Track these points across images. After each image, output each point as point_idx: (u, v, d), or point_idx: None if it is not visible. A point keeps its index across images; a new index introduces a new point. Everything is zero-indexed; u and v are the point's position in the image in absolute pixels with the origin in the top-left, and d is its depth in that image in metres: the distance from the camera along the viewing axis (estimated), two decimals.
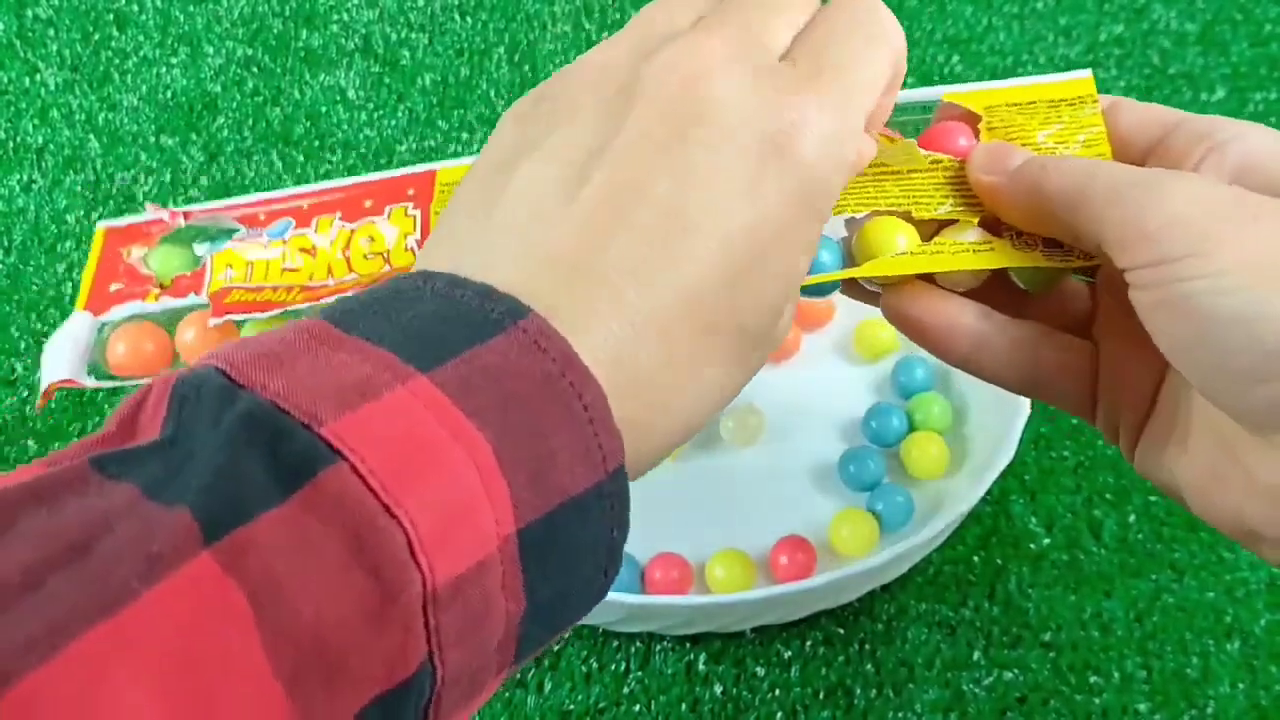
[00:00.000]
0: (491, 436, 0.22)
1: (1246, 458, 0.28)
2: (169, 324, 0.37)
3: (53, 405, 0.51)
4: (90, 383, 0.36)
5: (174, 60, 0.67)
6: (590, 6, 0.70)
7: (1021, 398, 0.45)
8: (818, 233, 0.28)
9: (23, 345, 0.54)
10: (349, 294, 0.29)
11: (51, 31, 0.69)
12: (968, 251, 0.32)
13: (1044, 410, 0.51)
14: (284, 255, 0.36)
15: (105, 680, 0.18)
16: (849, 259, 0.33)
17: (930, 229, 0.33)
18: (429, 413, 0.22)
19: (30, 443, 0.50)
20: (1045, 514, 0.48)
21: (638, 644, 0.44)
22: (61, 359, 0.36)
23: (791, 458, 0.49)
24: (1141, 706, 0.43)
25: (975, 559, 0.46)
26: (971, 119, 0.34)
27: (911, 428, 0.49)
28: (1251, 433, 0.28)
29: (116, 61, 0.67)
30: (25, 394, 0.52)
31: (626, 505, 0.25)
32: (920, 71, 0.66)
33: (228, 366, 0.22)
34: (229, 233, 0.38)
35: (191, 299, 0.36)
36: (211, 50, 0.67)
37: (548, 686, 0.43)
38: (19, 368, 0.53)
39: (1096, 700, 0.43)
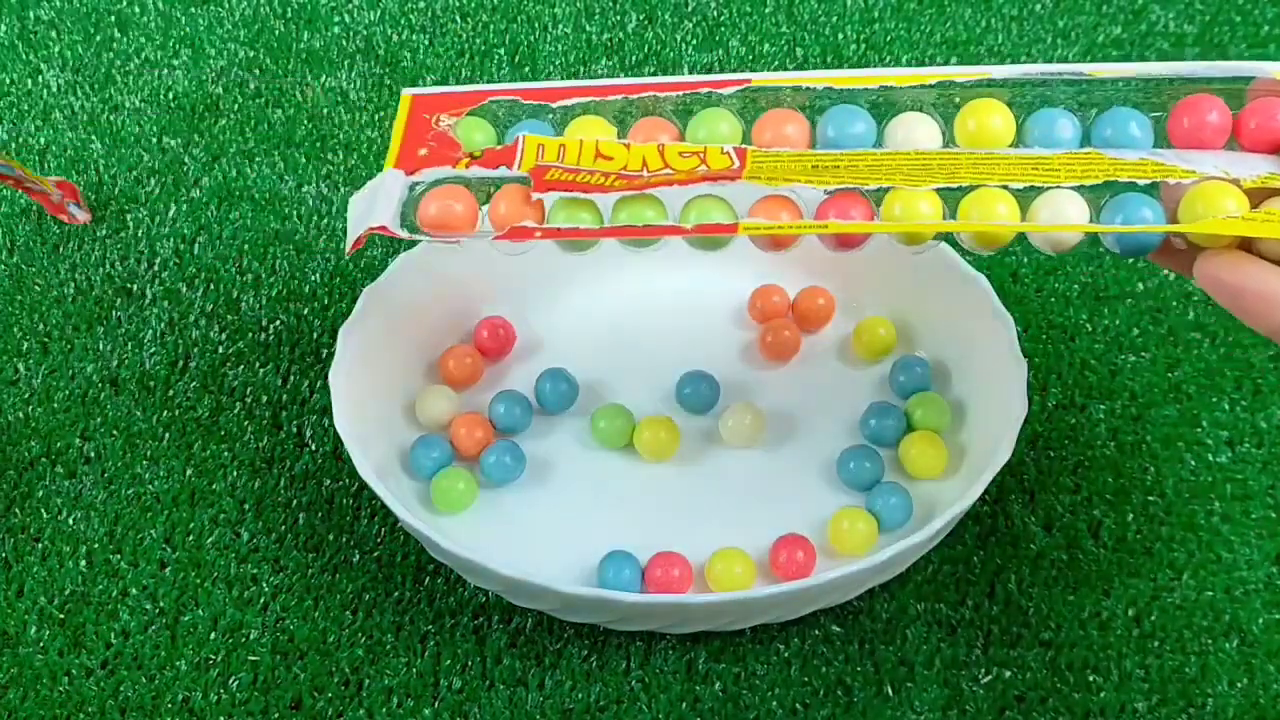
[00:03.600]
0: None
1: None
2: (478, 190, 0.39)
3: (57, 403, 0.52)
4: (403, 234, 0.38)
5: (176, 62, 0.67)
6: (591, 8, 0.70)
7: (1016, 397, 0.45)
8: None
9: (25, 346, 0.54)
10: None
11: (54, 34, 0.69)
12: None
13: (1042, 410, 0.51)
14: (597, 143, 0.38)
15: None
16: (1172, 221, 0.34)
17: (1255, 200, 0.34)
18: None
19: (33, 443, 0.50)
20: (1044, 513, 0.48)
21: (638, 642, 0.44)
22: (376, 208, 0.38)
23: (791, 457, 0.49)
24: (1140, 705, 0.43)
25: (974, 558, 0.47)
26: None
27: (910, 427, 0.49)
28: None
29: (119, 63, 0.67)
30: (28, 394, 0.52)
31: None
32: None
33: None
34: (536, 114, 0.40)
35: (503, 171, 0.38)
36: (213, 52, 0.68)
37: (549, 684, 0.44)
38: (21, 368, 0.53)
39: (1095, 699, 0.43)
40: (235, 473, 0.50)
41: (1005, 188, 0.36)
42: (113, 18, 0.70)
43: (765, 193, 0.38)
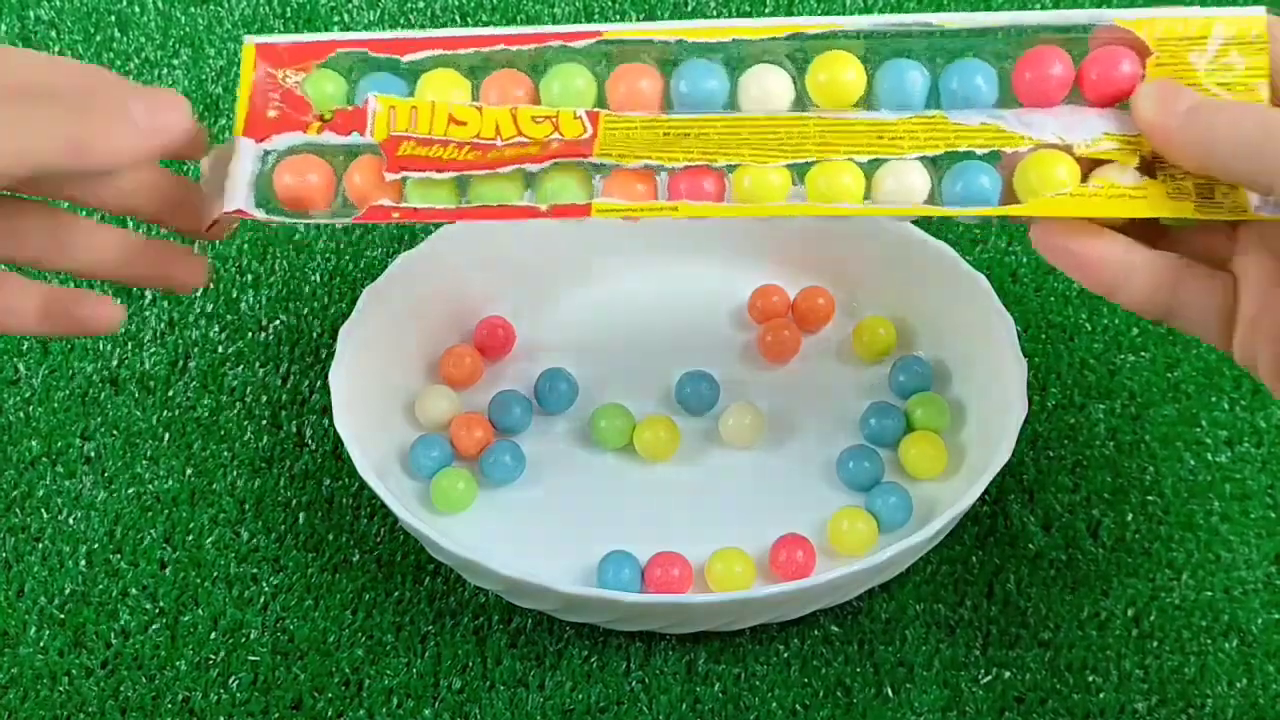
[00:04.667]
0: None
1: None
2: (332, 158, 0.37)
3: (57, 403, 0.52)
4: (260, 215, 0.37)
5: (176, 62, 0.67)
6: (590, 9, 0.70)
7: (1016, 397, 0.45)
8: None
9: (25, 346, 0.54)
10: None
11: (54, 34, 0.69)
12: (1123, 197, 0.34)
13: (1041, 410, 0.51)
14: (450, 108, 0.37)
15: None
16: (1008, 189, 0.36)
17: (1088, 163, 0.35)
18: None
19: (33, 443, 0.50)
20: (1043, 513, 0.48)
21: (638, 643, 0.45)
22: (231, 186, 0.36)
23: (791, 457, 0.49)
24: (1139, 705, 0.43)
25: (973, 558, 0.47)
26: (1139, 48, 0.36)
27: (910, 427, 0.49)
28: None
29: (118, 63, 0.67)
30: (28, 393, 0.52)
31: None
32: None
33: None
34: (387, 68, 0.38)
35: (355, 138, 0.37)
36: (213, 52, 0.68)
37: (549, 685, 0.44)
38: (21, 368, 0.53)
39: (1095, 699, 0.43)
40: (235, 472, 0.50)
41: (851, 159, 0.37)
42: (113, 18, 0.70)
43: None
